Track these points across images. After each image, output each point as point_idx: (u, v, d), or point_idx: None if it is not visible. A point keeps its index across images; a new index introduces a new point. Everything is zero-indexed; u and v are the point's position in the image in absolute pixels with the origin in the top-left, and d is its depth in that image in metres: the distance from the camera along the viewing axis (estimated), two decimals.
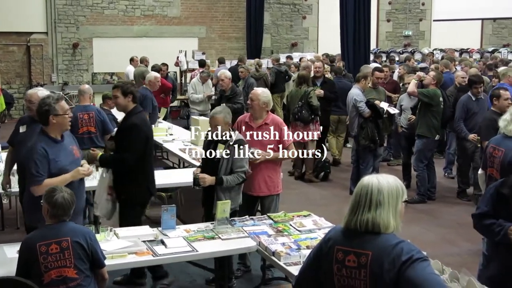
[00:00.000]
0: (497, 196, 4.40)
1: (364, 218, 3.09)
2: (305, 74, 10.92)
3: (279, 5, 21.10)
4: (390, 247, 3.02)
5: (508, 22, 24.84)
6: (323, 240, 3.31)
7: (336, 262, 3.15)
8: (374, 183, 3.12)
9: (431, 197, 9.72)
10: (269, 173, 6.48)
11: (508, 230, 4.23)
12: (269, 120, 6.48)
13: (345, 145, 12.82)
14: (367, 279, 3.05)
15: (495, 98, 7.69)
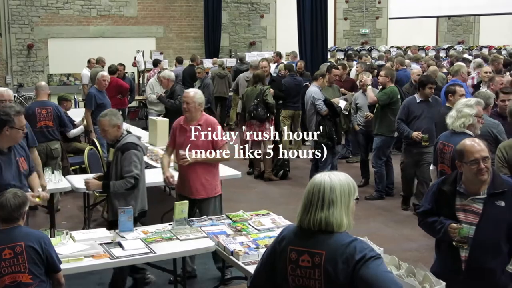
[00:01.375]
0: (439, 193, 4.43)
1: (317, 217, 3.07)
2: (260, 73, 10.95)
3: (236, 4, 21.09)
4: (343, 246, 3.03)
5: (463, 19, 25.28)
6: (276, 240, 3.30)
7: (290, 262, 3.14)
8: (326, 181, 3.10)
9: (389, 193, 9.82)
10: (206, 175, 6.32)
11: (448, 228, 4.27)
12: (202, 121, 6.32)
13: (304, 143, 12.87)
14: (321, 278, 3.05)
15: (451, 94, 7.78)
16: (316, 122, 9.62)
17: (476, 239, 4.21)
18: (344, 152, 12.15)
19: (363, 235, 4.89)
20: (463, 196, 4.30)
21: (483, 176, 4.17)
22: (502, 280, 4.19)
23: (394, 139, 9.82)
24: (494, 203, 4.19)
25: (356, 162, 11.32)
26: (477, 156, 4.16)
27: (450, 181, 4.40)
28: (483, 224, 4.20)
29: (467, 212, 4.29)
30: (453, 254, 4.33)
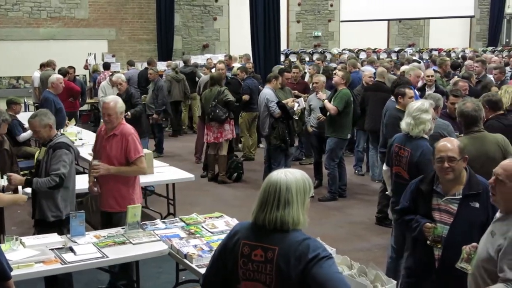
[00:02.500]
0: (417, 191, 4.54)
1: (272, 216, 3.08)
2: (216, 75, 10.97)
3: (189, 6, 21.00)
4: (297, 243, 3.05)
5: (413, 22, 25.67)
6: (227, 237, 3.31)
7: (242, 256, 3.15)
8: (282, 180, 3.11)
9: (342, 195, 9.91)
10: (119, 188, 6.02)
11: (423, 227, 4.36)
12: (118, 131, 6.00)
13: (258, 145, 12.91)
14: (273, 273, 3.07)
15: (400, 96, 7.89)
16: (270, 124, 9.66)
17: (449, 239, 4.30)
18: (297, 154, 12.23)
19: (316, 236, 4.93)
20: (440, 196, 4.41)
21: (447, 175, 4.28)
22: None
23: (347, 141, 9.94)
24: (469, 204, 4.29)
25: (310, 163, 11.40)
26: (443, 154, 4.28)
27: (428, 180, 4.51)
28: (456, 224, 4.30)
29: (442, 212, 4.39)
30: (427, 253, 4.42)
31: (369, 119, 10.39)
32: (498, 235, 3.62)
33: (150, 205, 8.96)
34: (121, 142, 5.94)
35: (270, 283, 3.09)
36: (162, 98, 12.60)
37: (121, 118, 6.03)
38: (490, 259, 3.63)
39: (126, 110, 9.93)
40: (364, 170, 11.29)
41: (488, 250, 3.65)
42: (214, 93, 10.54)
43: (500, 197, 3.68)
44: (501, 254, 3.54)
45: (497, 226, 3.69)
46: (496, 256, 3.58)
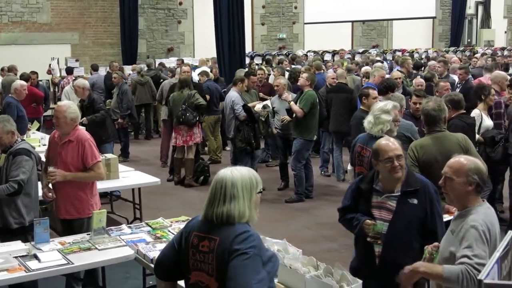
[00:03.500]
0: (357, 190, 4.60)
1: (219, 211, 3.25)
2: (186, 78, 10.94)
3: (153, 10, 20.91)
4: (236, 234, 3.21)
5: (377, 24, 25.93)
6: (184, 227, 3.50)
7: (192, 247, 3.33)
8: (228, 176, 3.29)
9: (309, 196, 9.95)
10: (77, 194, 5.91)
11: (363, 224, 4.43)
12: (73, 137, 5.87)
13: (224, 148, 12.91)
14: (213, 263, 3.23)
15: (364, 97, 7.96)
16: (235, 127, 9.68)
17: (388, 235, 4.37)
18: (263, 156, 12.26)
19: (283, 237, 4.97)
20: (379, 194, 4.47)
21: (397, 173, 4.34)
22: None
23: (313, 142, 9.98)
24: (407, 201, 4.36)
25: (276, 165, 11.43)
26: (391, 154, 4.33)
27: (368, 179, 4.57)
28: (395, 220, 4.36)
29: (381, 209, 4.45)
30: (368, 250, 4.50)
31: (333, 120, 10.48)
32: (457, 232, 3.69)
33: (116, 210, 8.90)
34: (77, 148, 5.84)
35: (212, 273, 3.25)
36: (127, 102, 12.51)
37: (72, 124, 5.89)
38: (452, 258, 3.69)
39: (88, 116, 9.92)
40: (330, 171, 11.36)
41: (450, 249, 3.72)
42: (184, 96, 10.50)
43: (452, 195, 3.77)
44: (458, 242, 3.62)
45: (456, 223, 3.77)
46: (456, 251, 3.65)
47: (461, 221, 3.71)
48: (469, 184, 3.70)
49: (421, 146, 5.54)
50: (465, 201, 3.74)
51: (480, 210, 3.70)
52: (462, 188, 3.71)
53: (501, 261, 2.70)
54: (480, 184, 3.71)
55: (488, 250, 3.55)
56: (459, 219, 3.75)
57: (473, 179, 3.69)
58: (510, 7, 29.99)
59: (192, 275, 3.34)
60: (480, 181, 3.71)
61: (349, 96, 10.44)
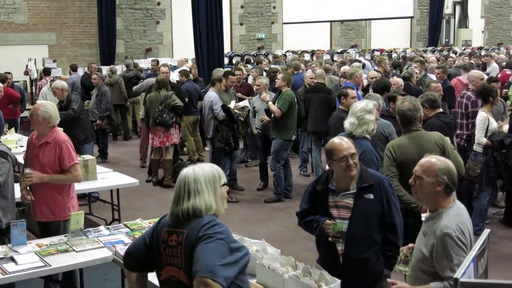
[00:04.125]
0: (314, 192, 4.63)
1: (185, 207, 3.33)
2: (164, 79, 10.90)
3: (131, 10, 20.82)
4: (203, 225, 3.28)
5: (355, 24, 26.05)
6: (157, 223, 3.58)
7: (162, 242, 3.40)
8: (190, 174, 3.38)
9: (288, 196, 9.96)
10: (53, 196, 5.85)
11: (323, 224, 4.46)
12: (51, 139, 5.81)
13: (204, 148, 12.89)
14: (182, 255, 3.29)
15: (343, 97, 7.98)
16: (214, 127, 9.66)
17: (349, 233, 4.41)
18: (243, 156, 12.27)
19: (263, 237, 4.97)
20: (335, 193, 4.50)
21: (352, 171, 4.38)
22: (377, 268, 4.45)
23: (291, 142, 10.00)
24: (364, 197, 4.42)
25: (255, 166, 11.43)
26: (346, 153, 4.37)
27: (323, 180, 4.61)
28: (354, 217, 4.41)
29: (339, 208, 4.49)
30: (331, 249, 4.53)
31: (311, 120, 10.49)
32: (429, 234, 3.71)
33: (95, 211, 8.85)
34: (54, 149, 5.79)
35: (181, 266, 3.31)
36: (106, 103, 12.45)
37: (44, 124, 5.82)
38: (424, 259, 3.72)
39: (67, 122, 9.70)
40: (309, 171, 11.39)
41: (422, 250, 3.75)
42: (161, 97, 10.47)
43: (420, 194, 3.79)
44: (434, 254, 3.63)
45: (427, 225, 3.78)
46: (430, 256, 3.66)
47: (432, 224, 3.71)
48: (438, 184, 3.69)
49: (398, 146, 5.56)
50: (434, 201, 3.74)
51: (450, 212, 3.70)
52: (431, 188, 3.71)
53: (477, 259, 2.72)
54: (450, 185, 3.70)
55: (467, 250, 3.56)
56: (430, 221, 3.76)
57: (442, 179, 3.69)
58: (487, 7, 30.29)
59: (164, 271, 3.41)
60: (449, 182, 3.70)
61: (327, 96, 10.47)
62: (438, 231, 3.61)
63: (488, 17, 30.50)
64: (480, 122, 7.76)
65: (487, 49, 26.18)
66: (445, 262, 3.56)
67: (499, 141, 7.69)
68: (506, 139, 7.70)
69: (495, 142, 7.70)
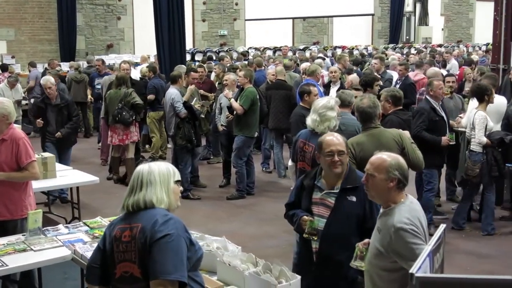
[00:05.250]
0: (301, 187, 4.64)
1: (137, 197, 3.37)
2: (124, 76, 10.78)
3: (92, 5, 20.55)
4: (156, 218, 3.28)
5: (317, 21, 26.13)
6: (107, 226, 3.58)
7: (115, 240, 3.38)
8: (145, 168, 3.46)
9: (250, 192, 9.98)
10: (10, 194, 5.72)
11: (300, 220, 4.48)
12: (7, 136, 5.69)
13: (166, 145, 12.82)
14: (136, 249, 3.28)
15: (306, 94, 8.01)
16: (175, 124, 9.61)
17: (325, 232, 4.42)
18: (205, 153, 12.23)
19: (225, 234, 4.97)
20: (320, 190, 4.52)
21: (336, 168, 4.39)
22: (351, 272, 4.33)
23: (254, 139, 10.02)
24: (346, 198, 4.41)
25: (218, 163, 11.42)
26: (333, 148, 4.38)
27: (311, 176, 4.63)
28: (333, 217, 4.41)
29: (320, 206, 4.50)
30: (307, 246, 4.55)
31: (272, 117, 10.52)
32: (384, 230, 3.73)
33: (54, 210, 8.73)
34: (11, 147, 5.68)
35: (135, 260, 3.30)
36: None
37: (4, 122, 5.70)
38: (380, 255, 3.74)
39: (61, 122, 9.32)
40: (272, 168, 11.42)
41: (377, 246, 3.76)
42: (120, 94, 10.36)
43: (373, 192, 3.81)
44: (393, 252, 3.65)
45: (381, 221, 3.80)
46: (386, 252, 3.68)
47: (385, 220, 3.73)
48: (391, 180, 3.71)
49: (358, 143, 5.60)
50: (387, 197, 3.76)
51: (402, 208, 3.72)
52: (384, 185, 3.72)
53: (433, 254, 2.75)
54: (402, 180, 3.73)
55: (423, 239, 3.61)
56: (384, 217, 3.78)
57: (394, 175, 3.71)
58: (446, 4, 30.69)
59: (117, 269, 3.39)
60: (401, 177, 3.72)
61: (288, 93, 10.50)
62: (392, 227, 3.63)
63: (448, 15, 30.90)
64: (480, 121, 7.74)
65: (447, 46, 26.54)
66: (408, 256, 3.55)
67: (499, 139, 7.77)
68: (506, 137, 7.76)
69: (495, 141, 7.77)
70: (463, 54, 21.51)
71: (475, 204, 8.80)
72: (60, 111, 9.43)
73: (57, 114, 9.39)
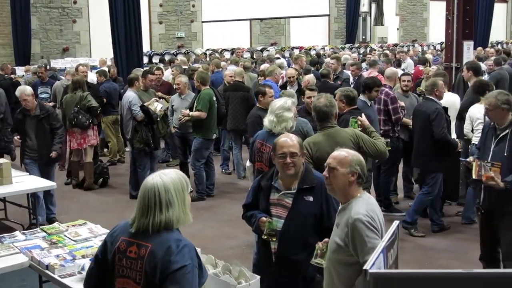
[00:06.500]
0: (259, 188, 4.67)
1: (157, 220, 3.15)
2: (79, 79, 10.65)
3: (46, 8, 20.28)
4: (169, 244, 3.12)
5: (274, 22, 26.25)
6: (108, 235, 3.38)
7: (118, 252, 3.22)
8: (159, 183, 3.19)
9: (210, 194, 9.97)
10: None
11: (258, 221, 4.50)
12: None
13: (125, 148, 12.73)
14: (142, 271, 3.12)
15: (261, 95, 8.03)
16: (133, 127, 9.56)
17: (284, 232, 4.44)
18: (164, 156, 12.19)
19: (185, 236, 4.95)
20: (277, 191, 4.53)
21: (289, 170, 4.42)
22: (309, 272, 4.41)
23: (212, 141, 10.01)
24: (303, 198, 4.44)
25: (177, 165, 11.36)
26: (285, 150, 4.41)
27: (268, 176, 4.64)
28: (290, 217, 4.44)
29: (278, 206, 4.52)
30: (265, 247, 4.56)
31: (230, 118, 10.54)
32: (341, 224, 3.80)
33: (11, 216, 8.60)
34: None
35: (139, 281, 3.14)
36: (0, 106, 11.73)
37: None
38: (339, 249, 3.80)
39: (43, 136, 8.37)
40: (231, 169, 11.43)
41: (336, 241, 3.83)
42: (76, 98, 10.25)
43: (334, 185, 3.88)
44: (350, 243, 3.72)
45: (340, 216, 3.88)
46: (345, 245, 3.75)
47: (343, 214, 3.82)
48: (352, 174, 3.81)
49: (314, 142, 5.64)
50: (347, 192, 3.85)
51: (360, 201, 3.82)
52: (345, 178, 3.81)
53: (387, 250, 2.80)
54: (361, 175, 3.84)
55: (379, 234, 3.68)
56: (342, 212, 3.86)
57: (356, 169, 3.82)
58: (401, 4, 31.12)
59: (117, 282, 3.23)
60: (361, 172, 3.84)
61: (246, 94, 10.53)
62: (349, 219, 3.72)
63: (403, 15, 31.34)
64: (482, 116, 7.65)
65: (402, 45, 26.90)
66: (361, 248, 3.65)
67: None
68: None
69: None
70: (418, 53, 21.84)
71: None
72: (40, 123, 8.50)
73: (37, 127, 8.48)
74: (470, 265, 6.67)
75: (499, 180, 5.55)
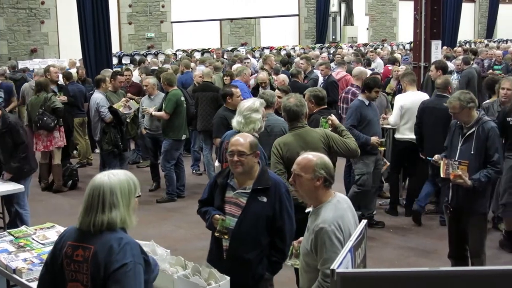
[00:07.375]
0: (215, 184, 4.69)
1: (99, 220, 3.15)
2: (42, 81, 10.51)
3: (14, 9, 20.01)
4: (111, 243, 3.13)
5: (244, 22, 26.27)
6: (57, 241, 3.37)
7: (66, 257, 3.21)
8: (106, 183, 3.18)
9: (181, 195, 9.95)
10: None
11: (212, 218, 4.53)
12: None
13: (94, 150, 12.63)
14: (88, 273, 3.14)
15: (228, 96, 8.04)
16: (101, 129, 9.49)
17: (236, 231, 4.47)
18: (134, 157, 12.12)
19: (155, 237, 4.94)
20: (232, 189, 4.57)
21: (236, 168, 4.46)
22: (258, 271, 4.51)
23: (182, 142, 9.97)
24: (257, 198, 4.47)
25: (147, 166, 11.32)
26: (233, 148, 4.44)
27: (224, 174, 4.67)
28: (243, 217, 4.48)
29: (231, 205, 4.56)
30: (218, 244, 4.61)
31: (200, 119, 10.50)
32: (311, 230, 3.82)
33: None
34: None
35: (87, 284, 3.16)
36: None
37: None
38: (308, 253, 3.85)
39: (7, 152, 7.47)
40: (202, 170, 11.40)
41: (305, 245, 3.87)
42: (41, 99, 10.12)
43: (301, 191, 3.91)
44: (313, 249, 3.74)
45: (310, 220, 3.91)
46: (311, 250, 3.78)
47: (313, 219, 3.85)
48: (317, 179, 3.82)
49: (285, 143, 5.65)
50: (315, 196, 3.87)
51: (328, 207, 3.82)
52: (311, 184, 3.83)
53: (355, 249, 2.81)
54: (328, 178, 3.85)
55: (342, 244, 3.67)
56: (313, 216, 3.88)
57: (320, 173, 3.82)
58: (370, 4, 31.35)
59: (69, 287, 3.23)
60: (327, 175, 3.84)
61: (215, 95, 10.49)
62: (316, 227, 3.74)
63: (372, 15, 31.58)
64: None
65: (372, 45, 27.08)
66: (320, 256, 3.70)
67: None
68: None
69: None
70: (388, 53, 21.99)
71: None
72: (2, 138, 7.65)
73: None
74: (439, 263, 6.74)
75: (466, 178, 5.62)
